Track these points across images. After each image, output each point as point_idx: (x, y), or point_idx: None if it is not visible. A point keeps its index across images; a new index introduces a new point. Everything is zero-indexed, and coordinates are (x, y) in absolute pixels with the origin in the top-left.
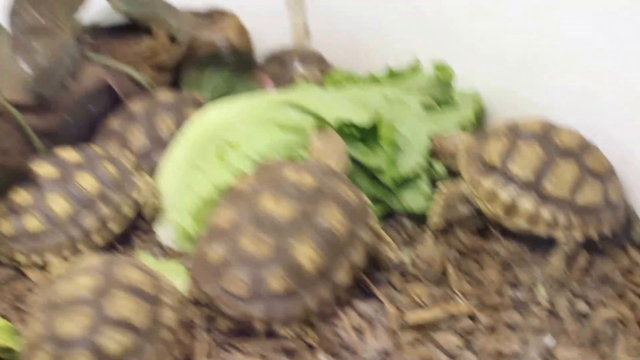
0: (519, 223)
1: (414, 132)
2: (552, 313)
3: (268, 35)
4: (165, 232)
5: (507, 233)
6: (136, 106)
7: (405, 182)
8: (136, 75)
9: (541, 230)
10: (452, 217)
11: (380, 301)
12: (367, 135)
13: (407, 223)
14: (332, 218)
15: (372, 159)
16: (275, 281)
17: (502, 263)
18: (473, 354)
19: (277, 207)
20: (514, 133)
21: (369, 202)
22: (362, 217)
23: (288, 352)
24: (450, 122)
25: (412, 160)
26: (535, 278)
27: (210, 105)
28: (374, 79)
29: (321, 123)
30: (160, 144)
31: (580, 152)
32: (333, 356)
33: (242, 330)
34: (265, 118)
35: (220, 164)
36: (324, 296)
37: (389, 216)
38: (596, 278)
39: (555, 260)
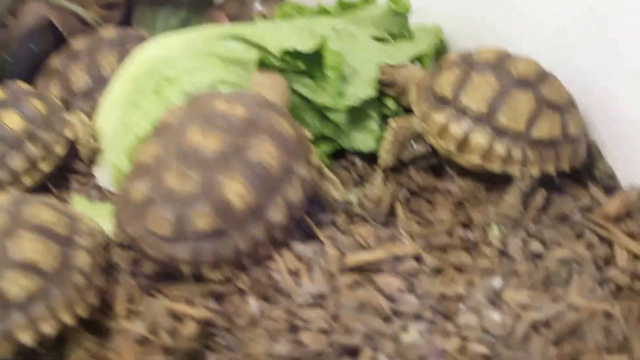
0: (472, 159)
1: (363, 63)
2: (504, 254)
3: None
4: (103, 174)
5: (462, 171)
6: (78, 44)
7: (355, 121)
8: (82, 12)
9: (495, 166)
10: (403, 155)
11: (322, 243)
12: (314, 70)
13: (359, 162)
14: (264, 152)
15: (320, 95)
16: (202, 220)
17: (455, 203)
18: (415, 296)
19: (205, 141)
20: (467, 63)
21: (310, 136)
22: (300, 152)
23: (216, 296)
24: (403, 54)
25: (360, 91)
26: (489, 218)
27: (152, 39)
28: (323, 11)
29: (264, 54)
30: (102, 82)
31: (538, 82)
32: (264, 300)
33: (169, 274)
34: (206, 51)
35: (157, 100)
36: (257, 236)
37: (340, 155)
38: (554, 217)
39: (510, 198)
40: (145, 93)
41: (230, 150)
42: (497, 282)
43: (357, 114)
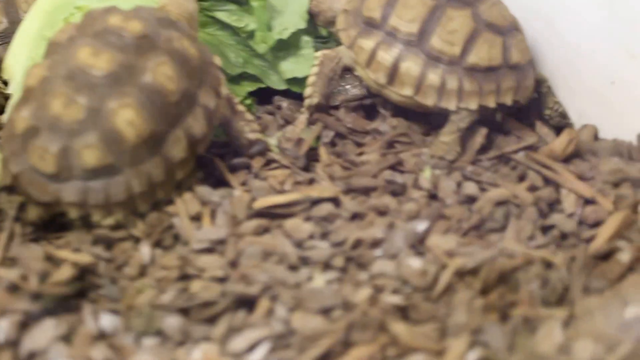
0: (404, 91)
1: None
2: (434, 197)
3: None
4: None
5: (397, 112)
6: None
7: (284, 48)
8: None
9: (429, 99)
10: (336, 99)
11: (232, 188)
12: None
13: (285, 105)
14: (162, 74)
15: (244, 22)
16: (90, 153)
17: (385, 144)
18: (328, 243)
19: (95, 60)
20: None
21: (219, 62)
22: (206, 79)
23: (106, 242)
24: None
25: (291, 22)
26: (423, 160)
27: None
28: None
29: None
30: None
31: (476, 0)
32: (158, 247)
33: (58, 221)
34: None
35: None
36: (153, 174)
37: (265, 99)
38: (494, 158)
39: (445, 137)
40: (56, 25)
41: (124, 71)
42: (421, 226)
43: (290, 42)
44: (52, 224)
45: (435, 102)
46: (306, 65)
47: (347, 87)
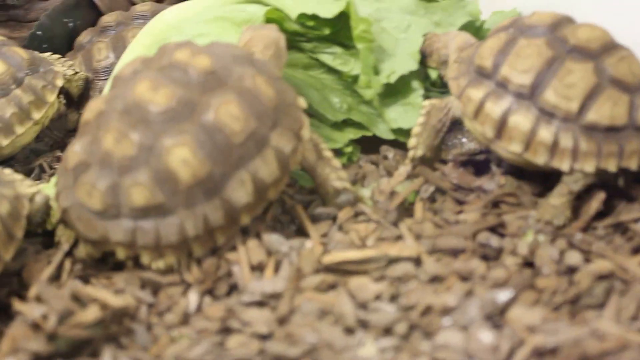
0: (512, 147)
1: (405, 29)
2: (531, 265)
3: None
4: None
5: (511, 170)
6: (108, 18)
7: (392, 94)
8: None
9: (540, 157)
10: (449, 152)
11: (308, 238)
12: (344, 36)
13: (391, 155)
14: (226, 113)
15: (349, 66)
16: (139, 192)
17: (489, 204)
18: (393, 304)
19: (153, 95)
20: (517, 27)
21: (303, 105)
22: (284, 120)
23: (154, 286)
24: (454, 19)
25: (401, 64)
26: (528, 224)
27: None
28: None
29: (274, 11)
30: None
31: (602, 52)
32: (210, 295)
33: (110, 260)
34: (219, 16)
35: None
36: (210, 217)
37: (371, 148)
38: (610, 226)
39: (555, 200)
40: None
41: (183, 108)
42: (504, 295)
43: (396, 91)
44: (105, 262)
45: (546, 161)
46: (414, 115)
47: (464, 140)
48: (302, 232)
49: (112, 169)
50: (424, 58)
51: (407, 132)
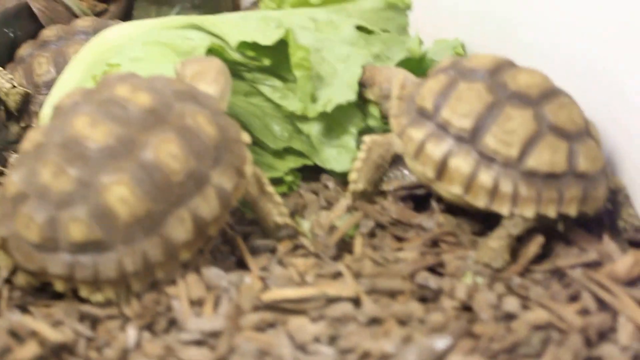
0: (453, 189)
1: (344, 59)
2: (469, 309)
3: None
4: None
5: (450, 208)
6: (49, 32)
7: (329, 133)
8: (70, 1)
9: (480, 200)
10: (388, 184)
11: (250, 271)
12: (283, 68)
13: (331, 185)
14: (165, 152)
15: (289, 100)
16: (76, 227)
17: (429, 242)
18: (330, 348)
19: (92, 131)
20: (457, 70)
21: (247, 140)
22: (224, 157)
23: (92, 319)
24: (393, 53)
25: (337, 94)
26: (466, 265)
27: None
28: (305, 2)
29: (217, 44)
30: None
31: (542, 99)
32: (148, 331)
33: (49, 289)
34: (161, 40)
35: None
36: (150, 254)
37: (312, 176)
38: (548, 271)
39: (494, 243)
40: (89, 81)
41: (121, 146)
42: (442, 342)
43: (332, 125)
44: (44, 290)
45: (486, 204)
46: (347, 158)
47: (405, 172)
48: (242, 264)
49: (50, 202)
50: (362, 90)
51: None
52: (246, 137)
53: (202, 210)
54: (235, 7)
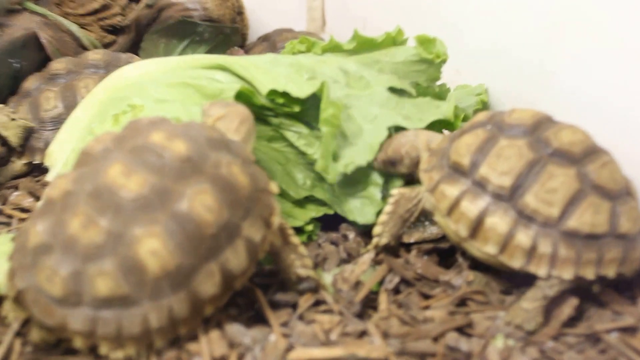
0: (488, 249)
1: (371, 120)
2: None
3: (285, 20)
4: None
5: (478, 264)
6: (58, 65)
7: (353, 184)
8: (78, 32)
9: (516, 261)
10: (411, 236)
11: (271, 327)
12: (311, 115)
13: (352, 236)
14: (200, 203)
15: (313, 148)
16: (103, 281)
17: (457, 301)
18: None
19: (126, 180)
20: (496, 125)
21: (275, 190)
22: (255, 208)
23: None
24: (424, 116)
25: (360, 155)
26: (497, 326)
27: (133, 63)
28: (336, 47)
29: (246, 88)
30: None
31: (584, 157)
32: None
33: (63, 346)
34: (185, 81)
35: (115, 128)
36: (175, 310)
37: (332, 225)
38: (582, 335)
39: (527, 304)
40: (105, 120)
41: (156, 196)
42: None
43: (358, 175)
44: (57, 346)
45: (522, 265)
46: (371, 210)
47: (427, 223)
48: (260, 317)
49: (76, 255)
50: (393, 166)
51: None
52: (274, 187)
53: (231, 263)
54: (244, 41)
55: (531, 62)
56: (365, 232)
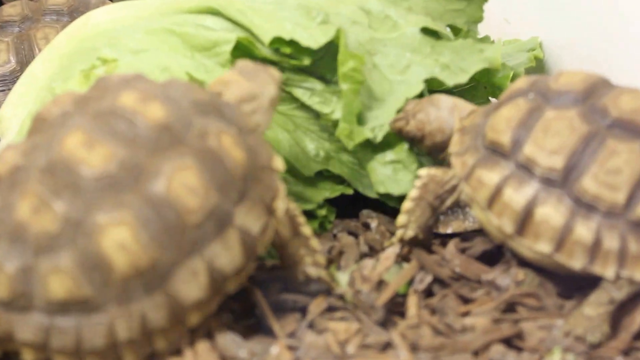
0: (540, 246)
1: (402, 70)
2: None
3: None
4: None
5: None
6: (11, 10)
7: (379, 148)
8: None
9: (576, 260)
10: (447, 225)
11: (275, 338)
12: (326, 68)
13: (374, 224)
14: (180, 183)
15: (330, 106)
16: (59, 281)
17: (503, 306)
18: None
19: (87, 154)
20: (540, 93)
21: (280, 167)
22: (254, 190)
23: None
24: (467, 64)
25: (390, 115)
26: (553, 336)
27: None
28: None
29: (246, 38)
30: None
31: None
32: None
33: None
34: (167, 27)
35: (83, 88)
36: (150, 317)
37: (349, 211)
38: None
39: (591, 309)
40: (71, 75)
41: (125, 174)
42: None
43: (387, 137)
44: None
45: (584, 265)
46: (406, 177)
47: (467, 209)
48: (261, 325)
49: (26, 246)
50: (409, 139)
51: (397, 198)
52: (279, 164)
53: (221, 260)
54: None
55: (599, 8)
56: (392, 218)
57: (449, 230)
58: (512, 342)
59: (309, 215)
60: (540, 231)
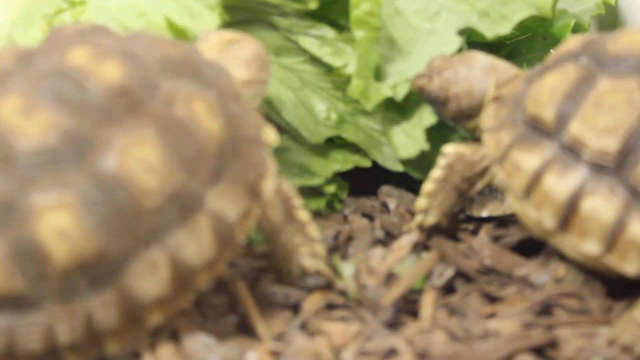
0: (586, 246)
1: (431, 17)
2: None
3: None
4: None
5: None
6: None
7: (402, 107)
8: None
9: (630, 263)
10: (459, 210)
11: (258, 340)
12: (338, 13)
13: (393, 205)
14: (136, 158)
15: (343, 59)
16: None
17: (538, 307)
18: None
19: (24, 122)
20: (593, 57)
21: (271, 139)
22: (231, 168)
23: None
24: (510, 10)
25: (414, 69)
26: (594, 345)
27: None
28: None
29: None
30: None
31: None
32: None
33: None
34: None
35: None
36: (98, 317)
37: (365, 188)
38: None
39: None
40: (32, 21)
41: (69, 147)
42: None
43: (409, 96)
44: None
45: (639, 270)
46: (423, 136)
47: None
48: (245, 325)
49: None
50: (431, 102)
51: (423, 168)
52: (271, 136)
53: (187, 251)
54: None
55: None
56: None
57: (484, 214)
58: (543, 351)
59: (315, 192)
60: (588, 228)
